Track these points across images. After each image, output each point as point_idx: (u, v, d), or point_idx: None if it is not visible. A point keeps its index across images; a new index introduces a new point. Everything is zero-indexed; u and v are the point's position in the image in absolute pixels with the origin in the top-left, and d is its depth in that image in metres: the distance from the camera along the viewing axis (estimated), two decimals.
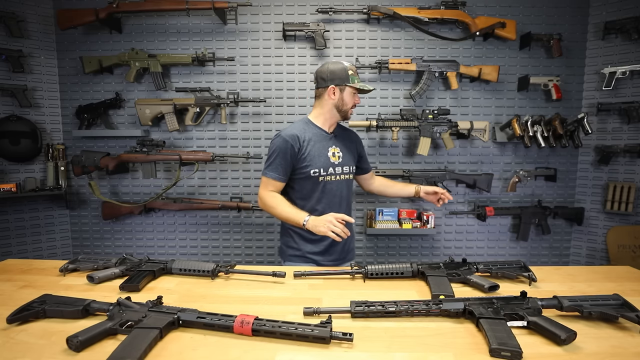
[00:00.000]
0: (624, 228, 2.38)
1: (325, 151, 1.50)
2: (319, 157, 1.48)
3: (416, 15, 2.30)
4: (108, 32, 2.42)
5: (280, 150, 1.45)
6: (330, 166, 1.50)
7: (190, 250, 2.61)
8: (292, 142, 1.45)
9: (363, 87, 1.50)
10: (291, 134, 1.46)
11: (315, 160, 1.47)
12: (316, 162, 1.48)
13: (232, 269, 1.25)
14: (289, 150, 1.44)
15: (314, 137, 1.50)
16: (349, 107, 1.51)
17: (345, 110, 1.51)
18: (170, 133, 2.48)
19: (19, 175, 2.41)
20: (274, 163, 1.46)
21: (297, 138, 1.46)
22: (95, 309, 0.95)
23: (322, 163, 1.49)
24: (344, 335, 0.83)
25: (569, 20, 2.40)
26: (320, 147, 1.49)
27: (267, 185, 1.48)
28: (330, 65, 1.49)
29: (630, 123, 2.31)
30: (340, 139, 1.57)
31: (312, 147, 1.48)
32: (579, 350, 0.81)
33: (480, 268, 1.23)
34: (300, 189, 1.52)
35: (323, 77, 1.49)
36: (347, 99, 1.49)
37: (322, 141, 1.51)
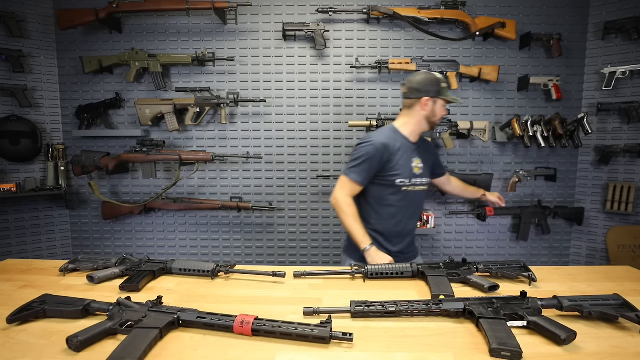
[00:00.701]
0: (624, 228, 2.38)
1: (410, 162, 1.53)
2: (405, 167, 1.51)
3: (416, 15, 2.30)
4: (108, 32, 2.42)
5: (369, 156, 1.47)
6: (413, 177, 1.54)
7: (190, 250, 2.61)
8: (383, 150, 1.47)
9: (455, 100, 1.54)
10: (382, 143, 1.48)
11: (402, 170, 1.50)
12: (403, 172, 1.51)
13: (232, 269, 1.25)
14: (377, 158, 1.47)
15: (402, 147, 1.52)
16: (438, 119, 1.54)
17: (434, 122, 1.54)
18: (170, 133, 2.48)
19: (19, 175, 2.41)
20: (359, 167, 1.48)
21: (387, 147, 1.48)
22: (95, 309, 0.95)
23: (408, 173, 1.52)
24: (344, 335, 0.83)
25: (569, 20, 2.40)
26: (406, 158, 1.52)
27: (345, 186, 1.50)
28: (424, 76, 1.52)
29: (630, 123, 2.31)
30: (421, 150, 1.59)
31: (400, 157, 1.50)
32: (579, 350, 0.81)
33: (480, 268, 1.23)
34: (379, 195, 1.54)
35: (416, 88, 1.50)
36: (438, 110, 1.52)
37: (408, 152, 1.53)
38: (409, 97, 1.53)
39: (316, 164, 2.51)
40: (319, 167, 2.51)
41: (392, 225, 1.56)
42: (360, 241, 1.46)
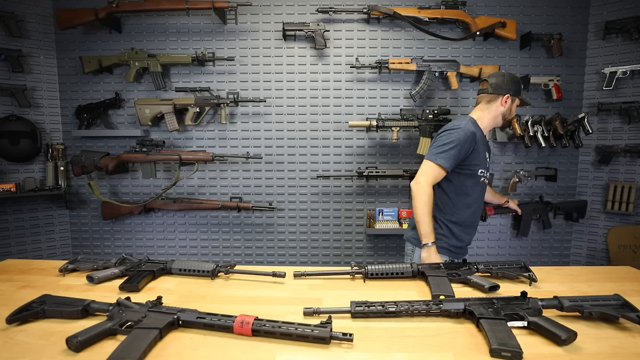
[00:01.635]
0: (624, 228, 2.38)
1: (485, 153, 1.57)
2: (483, 159, 1.55)
3: (416, 15, 2.30)
4: (108, 32, 2.41)
5: (460, 142, 1.46)
6: (487, 169, 1.60)
7: (190, 250, 2.61)
8: (473, 139, 1.48)
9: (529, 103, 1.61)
10: (472, 131, 1.49)
11: (483, 161, 1.55)
12: (483, 163, 1.55)
13: (232, 269, 1.25)
14: (467, 145, 1.47)
15: (481, 139, 1.56)
16: (510, 117, 1.59)
17: (508, 120, 1.59)
18: (170, 133, 2.48)
19: (19, 175, 2.40)
20: (449, 152, 1.45)
21: (475, 136, 1.49)
22: (95, 309, 0.95)
23: (485, 165, 1.57)
24: (344, 336, 0.83)
25: (569, 20, 2.40)
26: (484, 149, 1.57)
27: (431, 172, 1.47)
28: (507, 75, 1.55)
29: (630, 123, 2.31)
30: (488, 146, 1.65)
31: (480, 147, 1.53)
32: (579, 350, 0.81)
33: (480, 268, 1.23)
34: (459, 185, 1.55)
35: (500, 85, 1.53)
36: (514, 109, 1.58)
37: (484, 144, 1.58)
38: (491, 92, 1.56)
39: (316, 164, 2.50)
40: (319, 167, 2.50)
41: (467, 215, 1.58)
42: (427, 235, 1.46)
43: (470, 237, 1.64)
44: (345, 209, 2.54)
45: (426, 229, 1.47)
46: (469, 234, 1.63)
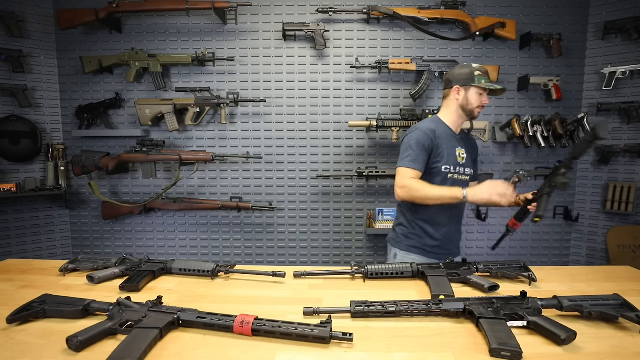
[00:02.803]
0: (624, 228, 2.38)
1: (454, 150, 1.55)
2: (450, 156, 1.54)
3: (416, 15, 2.30)
4: (108, 32, 2.42)
5: (420, 142, 1.50)
6: (458, 165, 1.56)
7: (190, 250, 2.61)
8: (431, 135, 1.51)
9: (489, 86, 1.51)
10: (429, 128, 1.53)
11: (447, 156, 1.53)
12: (447, 158, 1.53)
13: (232, 269, 1.25)
14: (427, 142, 1.50)
15: (444, 134, 1.55)
16: (474, 107, 1.54)
17: (471, 110, 1.54)
18: (170, 133, 2.48)
19: (19, 175, 2.41)
20: (413, 154, 1.49)
21: (434, 132, 1.52)
22: (95, 309, 0.95)
23: (452, 161, 1.54)
24: (344, 335, 0.83)
25: (569, 20, 2.40)
26: (450, 146, 1.55)
27: (406, 175, 1.48)
28: (456, 68, 1.58)
29: (630, 123, 2.31)
30: (464, 142, 1.62)
31: (443, 144, 1.53)
32: (579, 350, 0.81)
33: (480, 268, 1.23)
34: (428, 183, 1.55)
35: (449, 79, 1.57)
36: (472, 98, 1.53)
37: (451, 140, 1.56)
38: (445, 87, 1.60)
39: (316, 164, 2.51)
40: (319, 167, 2.51)
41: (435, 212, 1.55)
42: (454, 194, 1.42)
43: (446, 236, 1.59)
44: (345, 209, 2.54)
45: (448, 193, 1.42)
46: (442, 232, 1.58)
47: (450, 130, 1.58)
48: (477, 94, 1.52)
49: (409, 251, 1.61)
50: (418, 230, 1.60)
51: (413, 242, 1.61)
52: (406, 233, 1.63)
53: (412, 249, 1.61)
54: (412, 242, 1.61)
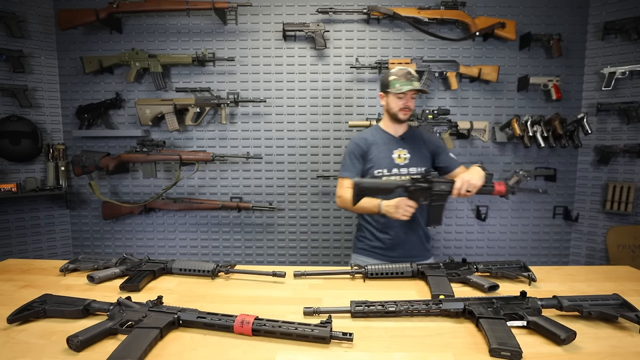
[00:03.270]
0: (623, 228, 2.38)
1: (389, 153, 1.59)
2: (383, 159, 1.58)
3: (416, 15, 2.30)
4: (108, 32, 2.42)
5: (351, 152, 1.62)
6: (395, 167, 1.58)
7: (190, 250, 2.61)
8: (360, 143, 1.61)
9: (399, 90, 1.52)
10: (360, 137, 1.64)
11: (379, 161, 1.58)
12: (380, 163, 1.58)
13: (232, 269, 1.25)
14: (357, 151, 1.60)
15: (380, 140, 1.61)
16: (396, 110, 1.56)
17: (394, 113, 1.58)
18: (170, 133, 2.48)
19: (20, 175, 2.41)
20: (347, 164, 1.61)
21: (365, 140, 1.62)
22: (96, 309, 0.95)
23: (386, 164, 1.58)
24: (344, 335, 0.83)
25: (568, 20, 2.40)
26: (385, 150, 1.59)
27: (342, 184, 1.59)
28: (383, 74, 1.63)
29: (629, 123, 2.31)
30: (409, 142, 1.63)
31: (376, 149, 1.59)
32: (578, 350, 0.81)
33: (480, 268, 1.24)
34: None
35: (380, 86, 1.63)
36: (392, 103, 1.57)
37: (387, 144, 1.60)
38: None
39: (316, 164, 2.51)
40: (319, 167, 2.51)
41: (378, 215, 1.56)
42: (373, 205, 1.49)
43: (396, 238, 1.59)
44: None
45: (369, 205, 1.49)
46: (392, 235, 1.58)
47: (388, 134, 1.63)
48: (397, 98, 1.55)
49: (360, 253, 1.68)
50: (367, 232, 1.66)
51: (362, 245, 1.68)
52: (357, 236, 1.73)
53: (362, 251, 1.68)
54: (362, 244, 1.68)
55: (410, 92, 1.54)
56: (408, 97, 1.55)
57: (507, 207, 2.54)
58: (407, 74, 1.53)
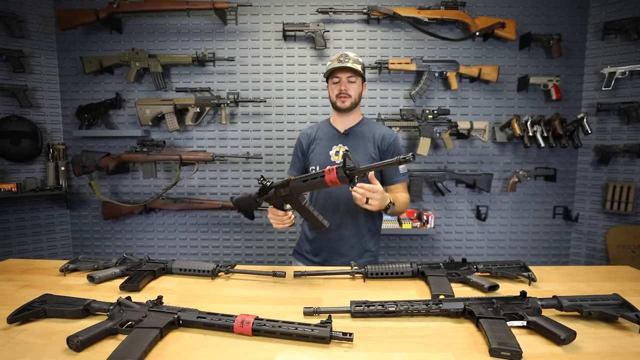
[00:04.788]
0: (623, 228, 2.38)
1: (328, 149, 1.47)
2: (320, 155, 1.47)
3: (416, 15, 2.31)
4: (108, 33, 2.42)
5: (295, 148, 1.59)
6: (330, 164, 1.40)
7: (190, 250, 2.61)
8: (302, 139, 1.55)
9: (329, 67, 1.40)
10: (303, 132, 1.57)
11: (317, 158, 1.48)
12: (316, 159, 1.48)
13: (232, 269, 1.25)
14: (299, 147, 1.56)
15: (324, 135, 1.51)
16: (334, 98, 1.45)
17: (332, 102, 1.47)
18: (170, 133, 2.48)
19: (20, 175, 2.41)
20: (292, 161, 1.59)
21: (308, 136, 1.55)
22: (96, 309, 0.95)
23: (321, 161, 1.46)
24: (344, 335, 0.83)
25: (568, 20, 2.40)
26: (324, 146, 1.48)
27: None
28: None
29: (629, 123, 2.31)
30: (353, 138, 1.47)
31: (317, 145, 1.50)
32: (578, 350, 0.81)
33: (480, 268, 1.23)
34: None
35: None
36: (330, 90, 1.46)
37: (329, 140, 1.49)
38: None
39: None
40: None
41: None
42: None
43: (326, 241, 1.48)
44: None
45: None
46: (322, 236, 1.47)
47: (334, 129, 1.50)
48: (333, 84, 1.44)
49: (295, 257, 1.61)
50: (302, 235, 1.60)
51: (297, 248, 1.62)
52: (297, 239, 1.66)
53: (296, 254, 1.61)
54: (297, 247, 1.61)
55: (345, 75, 1.40)
56: (344, 81, 1.40)
57: (507, 207, 2.55)
58: (341, 55, 1.41)
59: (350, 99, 1.43)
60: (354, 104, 1.45)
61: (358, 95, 1.46)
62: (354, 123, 1.50)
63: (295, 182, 1.13)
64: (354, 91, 1.43)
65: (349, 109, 1.45)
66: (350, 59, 1.40)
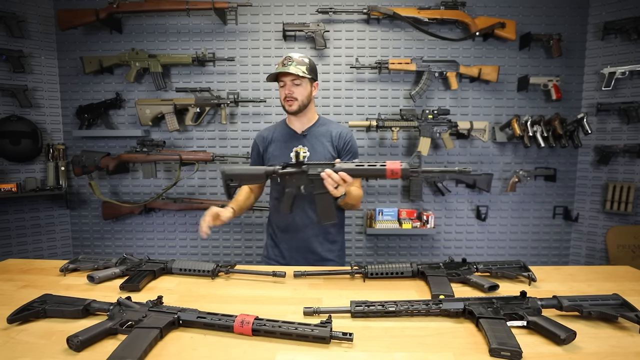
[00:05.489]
0: (623, 228, 2.38)
1: (288, 151, 1.48)
2: (279, 157, 1.47)
3: (416, 15, 2.31)
4: (108, 32, 2.42)
5: (251, 150, 1.60)
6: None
7: (190, 250, 2.61)
8: (259, 142, 1.56)
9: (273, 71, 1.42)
10: (259, 135, 1.58)
11: (275, 159, 1.47)
12: (276, 161, 1.44)
13: (232, 269, 1.25)
14: (255, 149, 1.57)
15: (281, 137, 1.52)
16: (282, 102, 1.46)
17: (282, 106, 1.48)
18: (170, 133, 2.48)
19: (20, 175, 2.41)
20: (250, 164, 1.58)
21: (264, 138, 1.55)
22: (96, 309, 0.95)
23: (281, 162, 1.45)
24: (344, 335, 0.83)
25: (568, 20, 2.40)
26: (283, 147, 1.50)
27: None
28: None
29: (629, 123, 2.31)
30: (311, 138, 1.50)
31: (275, 147, 1.52)
32: (578, 350, 0.81)
33: (480, 268, 1.23)
34: (273, 190, 1.56)
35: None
36: (280, 94, 1.48)
37: (287, 141, 1.50)
38: None
39: None
40: None
41: (280, 218, 1.53)
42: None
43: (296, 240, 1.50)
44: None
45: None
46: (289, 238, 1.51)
47: (290, 130, 1.51)
48: (280, 88, 1.45)
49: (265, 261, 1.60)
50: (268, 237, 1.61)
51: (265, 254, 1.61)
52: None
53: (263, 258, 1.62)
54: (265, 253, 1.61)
55: (288, 79, 1.40)
56: (288, 85, 1.41)
57: (507, 207, 2.55)
58: (285, 59, 1.40)
59: (297, 102, 1.43)
60: (302, 106, 1.45)
61: (306, 97, 1.45)
62: (310, 123, 1.52)
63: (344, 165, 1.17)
64: (300, 94, 1.42)
65: (297, 112, 1.45)
66: (294, 61, 1.39)
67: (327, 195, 1.21)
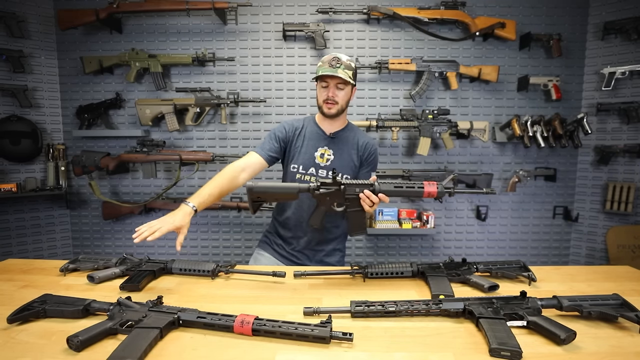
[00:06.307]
0: (623, 228, 2.38)
1: (313, 150, 1.45)
2: (304, 154, 1.44)
3: (416, 15, 2.31)
4: (108, 33, 2.42)
5: (274, 131, 1.47)
6: (313, 166, 1.44)
7: (190, 250, 2.61)
8: (287, 128, 1.47)
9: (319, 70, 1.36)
10: (291, 123, 1.49)
11: (300, 156, 1.44)
12: (299, 158, 1.44)
13: (232, 269, 1.25)
14: (281, 133, 1.46)
15: (310, 134, 1.47)
16: (320, 102, 1.42)
17: (319, 106, 1.43)
18: (170, 133, 2.48)
19: (20, 175, 2.41)
20: (263, 142, 1.46)
21: (295, 128, 1.47)
22: (96, 309, 0.95)
23: (305, 160, 1.44)
24: (344, 335, 0.83)
25: (568, 20, 2.40)
26: (310, 145, 1.45)
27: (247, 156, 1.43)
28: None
29: (629, 123, 2.31)
30: (338, 142, 1.47)
31: (302, 143, 1.46)
32: (578, 350, 0.81)
33: (480, 268, 1.23)
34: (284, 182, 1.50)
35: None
36: (318, 93, 1.43)
37: (315, 140, 1.46)
38: None
39: None
40: None
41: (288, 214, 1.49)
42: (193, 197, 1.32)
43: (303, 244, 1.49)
44: None
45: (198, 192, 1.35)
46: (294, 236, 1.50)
47: (320, 130, 1.47)
48: (321, 87, 1.39)
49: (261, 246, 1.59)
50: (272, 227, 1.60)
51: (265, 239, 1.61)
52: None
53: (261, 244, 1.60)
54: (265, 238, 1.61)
55: (334, 82, 1.35)
56: (332, 87, 1.36)
57: (507, 207, 2.55)
58: (333, 59, 1.34)
59: (337, 106, 1.40)
60: (341, 110, 1.42)
61: (345, 102, 1.43)
62: (340, 127, 1.49)
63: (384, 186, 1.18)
64: (342, 98, 1.40)
65: (335, 116, 1.42)
66: (342, 64, 1.34)
67: (361, 211, 1.21)
